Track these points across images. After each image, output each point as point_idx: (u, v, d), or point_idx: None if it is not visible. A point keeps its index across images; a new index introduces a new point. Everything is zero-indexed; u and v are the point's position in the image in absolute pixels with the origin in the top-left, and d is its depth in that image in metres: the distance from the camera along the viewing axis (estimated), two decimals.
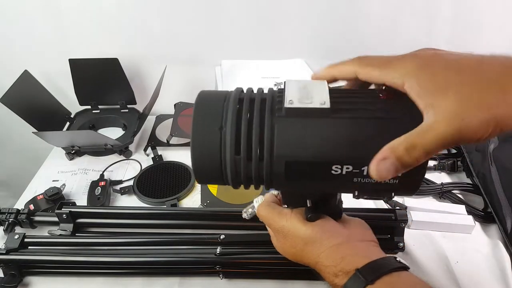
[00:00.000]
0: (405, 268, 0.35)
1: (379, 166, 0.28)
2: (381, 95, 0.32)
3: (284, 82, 0.33)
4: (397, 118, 0.31)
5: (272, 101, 0.33)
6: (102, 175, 0.83)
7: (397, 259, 0.36)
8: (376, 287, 0.33)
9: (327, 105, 0.31)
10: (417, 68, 0.28)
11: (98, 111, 0.99)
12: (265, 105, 0.33)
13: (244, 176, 0.34)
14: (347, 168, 0.31)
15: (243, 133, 0.32)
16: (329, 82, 0.34)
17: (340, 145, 0.31)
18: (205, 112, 0.33)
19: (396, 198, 0.75)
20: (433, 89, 0.27)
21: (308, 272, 0.62)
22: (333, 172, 0.32)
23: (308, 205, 0.40)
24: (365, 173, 0.31)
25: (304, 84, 0.33)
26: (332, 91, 0.33)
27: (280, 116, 0.32)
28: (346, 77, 0.34)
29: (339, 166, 0.31)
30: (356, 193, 0.35)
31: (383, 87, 0.32)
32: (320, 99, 0.31)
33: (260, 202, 0.47)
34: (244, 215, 0.50)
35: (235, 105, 0.33)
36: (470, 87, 0.26)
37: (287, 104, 0.31)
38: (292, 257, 0.42)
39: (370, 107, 0.32)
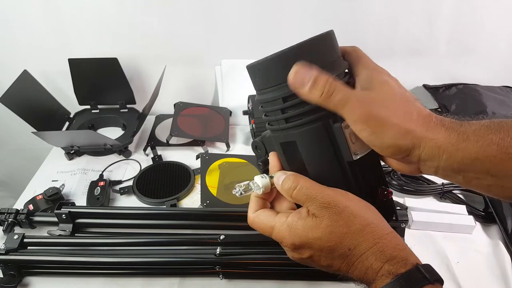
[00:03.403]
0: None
1: (301, 70, 0.33)
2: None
3: None
4: None
5: None
6: (101, 175, 0.82)
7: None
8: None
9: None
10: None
11: (98, 111, 0.99)
12: None
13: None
14: None
15: None
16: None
17: None
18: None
19: (397, 198, 0.75)
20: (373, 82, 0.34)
21: (308, 273, 0.63)
22: None
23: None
24: None
25: None
26: None
27: None
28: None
29: None
30: None
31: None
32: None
33: (267, 179, 0.39)
34: (236, 191, 0.40)
35: None
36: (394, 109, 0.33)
37: None
38: (337, 239, 0.34)
39: None
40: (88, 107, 0.99)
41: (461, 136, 0.32)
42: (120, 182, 0.82)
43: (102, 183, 0.78)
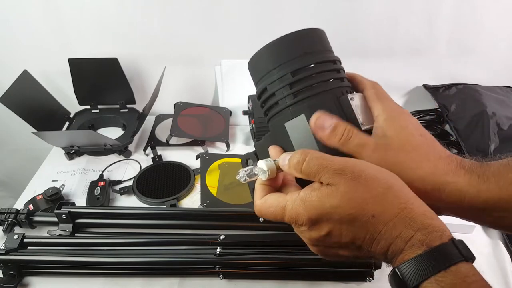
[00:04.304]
0: None
1: (323, 116, 0.35)
2: None
3: None
4: None
5: None
6: (101, 175, 0.82)
7: None
8: (469, 267, 0.30)
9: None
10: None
11: (98, 111, 0.99)
12: None
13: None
14: None
15: None
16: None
17: None
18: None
19: None
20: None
21: (308, 273, 0.63)
22: None
23: None
24: None
25: None
26: None
27: None
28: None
29: None
30: None
31: None
32: None
33: (272, 162, 0.36)
34: (240, 176, 0.37)
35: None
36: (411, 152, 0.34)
37: None
38: (358, 206, 0.30)
39: None
40: (88, 107, 0.99)
41: (481, 178, 0.32)
42: (120, 182, 0.82)
43: (102, 183, 0.79)
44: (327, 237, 0.32)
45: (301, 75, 0.36)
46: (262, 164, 0.36)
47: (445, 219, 0.75)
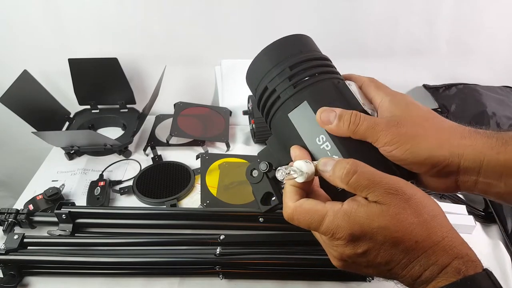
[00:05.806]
0: None
1: (326, 109, 0.35)
2: None
3: None
4: None
5: None
6: (101, 175, 0.82)
7: None
8: None
9: None
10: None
11: (98, 111, 0.99)
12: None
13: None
14: None
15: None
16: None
17: None
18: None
19: None
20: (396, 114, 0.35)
21: (308, 273, 0.63)
22: None
23: None
24: None
25: None
26: None
27: None
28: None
29: None
30: None
31: None
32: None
33: (312, 165, 0.34)
34: (280, 174, 0.34)
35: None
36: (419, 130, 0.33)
37: None
38: (405, 230, 0.29)
39: None
40: (88, 107, 0.99)
41: (499, 140, 0.31)
42: (120, 182, 0.82)
43: (102, 183, 0.79)
44: (362, 256, 0.31)
45: (299, 68, 0.38)
46: (301, 165, 0.34)
47: None
